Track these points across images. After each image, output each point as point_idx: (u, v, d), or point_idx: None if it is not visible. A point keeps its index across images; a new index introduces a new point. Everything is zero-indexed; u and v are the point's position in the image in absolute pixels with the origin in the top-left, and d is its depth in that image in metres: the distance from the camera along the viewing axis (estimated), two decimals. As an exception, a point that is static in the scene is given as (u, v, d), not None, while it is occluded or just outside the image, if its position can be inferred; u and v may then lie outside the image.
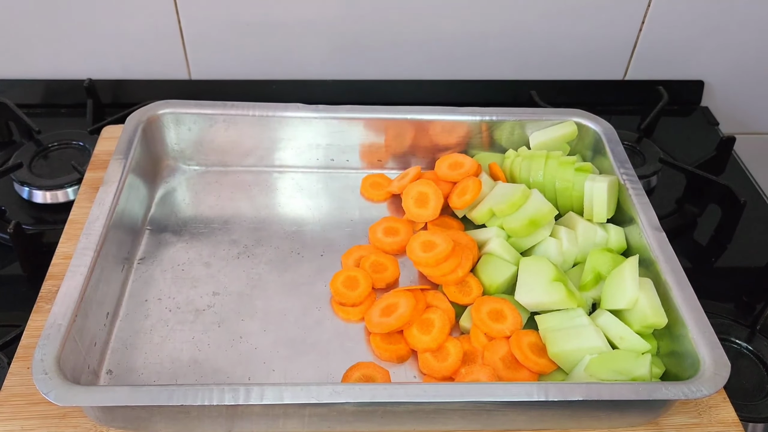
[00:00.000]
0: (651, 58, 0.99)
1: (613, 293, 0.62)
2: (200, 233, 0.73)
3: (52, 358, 0.52)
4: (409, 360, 0.63)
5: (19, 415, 0.56)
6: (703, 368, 0.54)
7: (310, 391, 0.51)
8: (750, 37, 0.98)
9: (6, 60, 0.94)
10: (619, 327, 0.61)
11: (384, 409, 0.54)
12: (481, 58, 0.98)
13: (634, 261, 0.63)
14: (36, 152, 0.87)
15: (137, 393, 0.51)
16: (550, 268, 0.63)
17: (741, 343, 0.70)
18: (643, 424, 0.58)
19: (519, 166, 0.75)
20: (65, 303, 0.56)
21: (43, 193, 0.82)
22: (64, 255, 0.69)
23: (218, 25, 0.91)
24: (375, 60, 0.97)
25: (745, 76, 1.02)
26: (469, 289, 0.66)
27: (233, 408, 0.52)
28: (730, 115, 1.04)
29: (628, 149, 0.88)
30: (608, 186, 0.68)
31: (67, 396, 0.50)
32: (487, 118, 0.78)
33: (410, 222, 0.74)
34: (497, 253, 0.67)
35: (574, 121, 0.78)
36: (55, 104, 0.97)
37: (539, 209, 0.68)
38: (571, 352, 0.59)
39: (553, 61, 0.99)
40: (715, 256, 0.81)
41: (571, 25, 0.95)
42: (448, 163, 0.77)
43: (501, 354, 0.61)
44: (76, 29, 0.92)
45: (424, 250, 0.66)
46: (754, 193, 0.90)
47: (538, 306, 0.63)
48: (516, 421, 0.56)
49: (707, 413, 0.59)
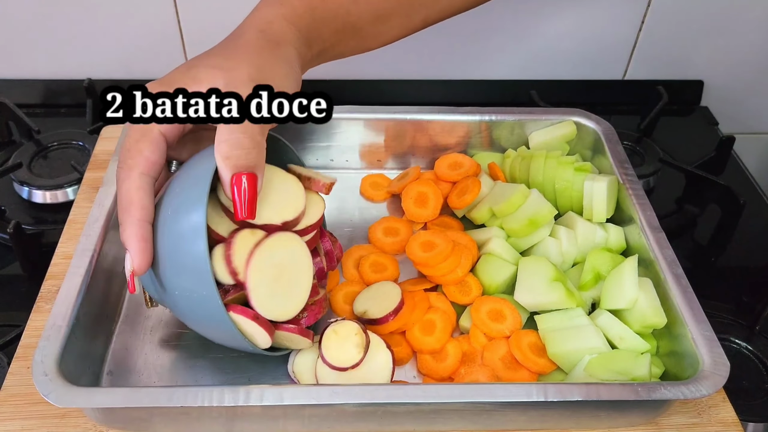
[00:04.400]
0: (651, 58, 0.99)
1: (612, 293, 0.62)
2: (200, 233, 0.73)
3: (52, 359, 0.52)
4: (410, 360, 0.63)
5: (19, 415, 0.56)
6: (703, 368, 0.54)
7: (310, 392, 0.51)
8: (750, 37, 0.98)
9: (6, 60, 0.94)
10: (618, 327, 0.61)
11: (384, 410, 0.54)
12: (481, 58, 0.98)
13: (633, 261, 0.63)
14: (36, 152, 0.87)
15: (137, 394, 0.51)
16: (549, 268, 0.63)
17: (741, 343, 0.70)
18: (642, 424, 0.58)
19: (518, 165, 0.75)
20: (65, 303, 0.56)
21: (42, 193, 0.82)
22: (64, 255, 0.69)
23: (218, 25, 0.91)
24: (374, 60, 0.97)
25: (745, 76, 1.02)
26: (468, 289, 0.66)
27: (233, 409, 0.52)
28: (730, 115, 1.04)
29: (627, 149, 0.88)
30: (608, 186, 0.68)
31: (67, 397, 0.50)
32: (486, 118, 0.78)
33: (410, 222, 0.74)
34: (497, 253, 0.67)
35: (573, 120, 0.78)
36: (54, 104, 0.97)
37: (539, 209, 0.68)
38: (570, 352, 0.59)
39: (553, 61, 0.99)
40: (714, 256, 0.81)
41: (571, 25, 0.95)
42: (447, 163, 0.77)
43: (500, 354, 0.61)
44: (76, 29, 0.92)
45: (424, 250, 0.66)
46: (754, 193, 0.90)
47: (537, 306, 0.63)
48: (516, 421, 0.56)
49: (707, 413, 0.59)
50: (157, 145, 0.51)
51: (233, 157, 0.49)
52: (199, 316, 0.53)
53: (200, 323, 0.54)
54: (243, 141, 0.49)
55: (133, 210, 0.50)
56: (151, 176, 0.51)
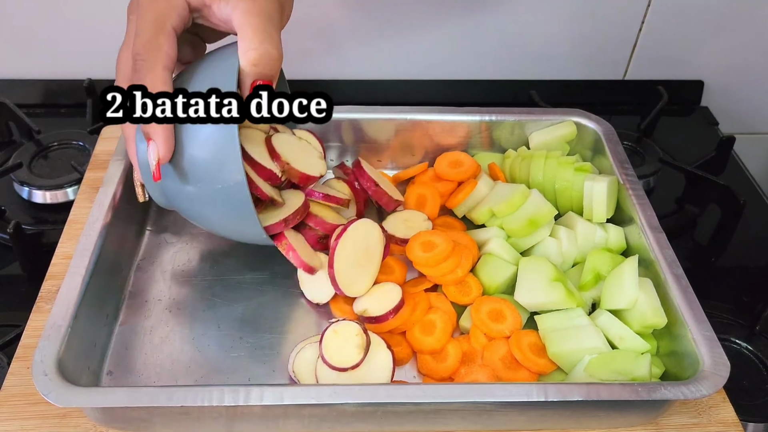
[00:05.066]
0: (651, 58, 0.99)
1: (612, 293, 0.62)
2: (200, 234, 0.73)
3: (52, 359, 0.53)
4: (410, 361, 0.63)
5: (19, 415, 0.57)
6: (703, 368, 0.54)
7: (310, 392, 0.51)
8: (750, 37, 0.98)
9: (6, 60, 0.94)
10: (618, 327, 0.61)
11: (384, 410, 0.54)
12: (481, 58, 0.98)
13: (633, 261, 0.63)
14: (36, 152, 0.87)
15: (137, 394, 0.51)
16: (549, 268, 0.63)
17: (741, 343, 0.70)
18: (642, 424, 0.58)
19: (519, 166, 0.75)
20: (65, 303, 0.56)
21: (42, 193, 0.82)
22: (64, 255, 0.69)
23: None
24: (375, 60, 0.97)
25: (745, 76, 1.02)
26: (468, 289, 0.66)
27: (233, 409, 0.52)
28: (730, 115, 1.04)
29: (627, 149, 0.88)
30: (608, 186, 0.68)
31: (67, 397, 0.51)
32: (486, 118, 0.78)
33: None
34: (497, 253, 0.67)
35: (573, 121, 0.78)
36: (55, 104, 0.97)
37: (539, 209, 0.68)
38: (570, 353, 0.59)
39: (553, 61, 0.99)
40: (714, 256, 0.81)
41: (571, 25, 0.95)
42: (447, 162, 0.77)
43: (501, 354, 0.61)
44: (76, 29, 0.92)
45: (424, 250, 0.66)
46: (754, 193, 0.90)
47: (537, 306, 0.63)
48: (516, 422, 0.56)
49: (707, 413, 0.59)
50: (174, 41, 0.52)
51: (260, 65, 0.52)
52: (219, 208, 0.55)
53: (218, 215, 0.56)
54: (271, 53, 0.52)
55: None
56: (171, 72, 0.52)
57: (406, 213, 0.72)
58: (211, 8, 0.53)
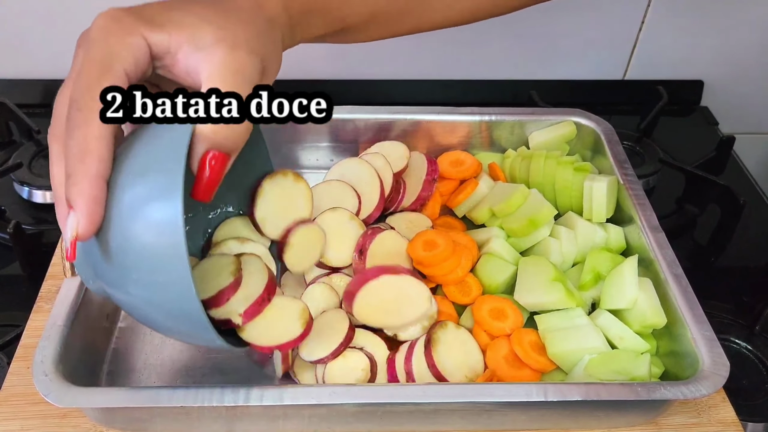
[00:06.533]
0: (651, 57, 0.99)
1: (612, 293, 0.62)
2: (200, 233, 0.73)
3: (52, 359, 0.53)
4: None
5: (19, 415, 0.57)
6: (703, 368, 0.54)
7: (310, 392, 0.51)
8: (750, 37, 0.98)
9: (6, 60, 0.94)
10: (618, 327, 0.61)
11: (384, 410, 0.54)
12: (481, 58, 0.98)
13: (633, 261, 0.63)
14: (36, 152, 0.87)
15: (137, 394, 0.51)
16: (549, 268, 0.63)
17: (741, 342, 0.70)
18: (642, 424, 0.58)
19: (518, 165, 0.75)
20: (65, 303, 0.56)
21: (43, 193, 0.82)
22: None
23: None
24: (375, 60, 0.97)
25: (745, 76, 1.02)
26: (468, 289, 0.66)
27: (233, 409, 0.52)
28: (730, 115, 1.04)
29: (627, 149, 0.88)
30: (607, 186, 0.68)
31: (67, 397, 0.51)
32: (486, 118, 0.78)
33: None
34: (497, 253, 0.67)
35: (573, 120, 0.78)
36: (54, 104, 0.97)
37: (538, 209, 0.68)
38: (570, 352, 0.59)
39: (553, 61, 0.99)
40: (714, 256, 0.81)
41: (571, 25, 0.95)
42: (449, 161, 0.77)
43: (503, 352, 0.61)
44: (76, 29, 0.91)
45: (425, 250, 0.66)
46: (754, 193, 0.90)
47: (537, 306, 0.63)
48: (516, 421, 0.56)
49: (706, 413, 0.59)
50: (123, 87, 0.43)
51: (220, 134, 0.43)
52: (157, 304, 0.44)
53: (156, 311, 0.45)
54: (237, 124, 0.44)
55: (89, 161, 0.41)
56: (113, 128, 0.43)
57: (412, 215, 0.72)
58: (176, 56, 0.44)
